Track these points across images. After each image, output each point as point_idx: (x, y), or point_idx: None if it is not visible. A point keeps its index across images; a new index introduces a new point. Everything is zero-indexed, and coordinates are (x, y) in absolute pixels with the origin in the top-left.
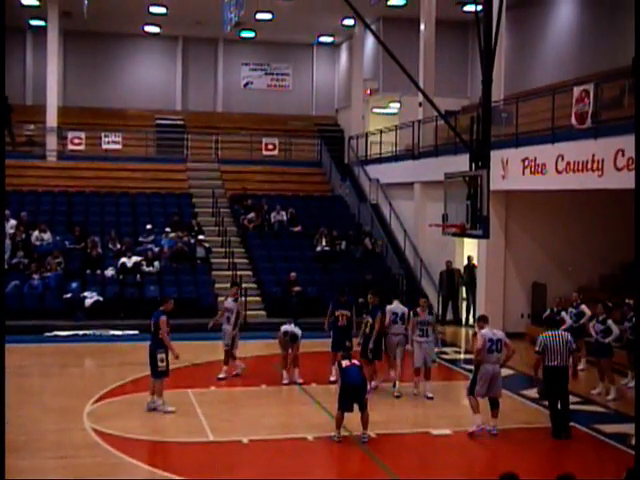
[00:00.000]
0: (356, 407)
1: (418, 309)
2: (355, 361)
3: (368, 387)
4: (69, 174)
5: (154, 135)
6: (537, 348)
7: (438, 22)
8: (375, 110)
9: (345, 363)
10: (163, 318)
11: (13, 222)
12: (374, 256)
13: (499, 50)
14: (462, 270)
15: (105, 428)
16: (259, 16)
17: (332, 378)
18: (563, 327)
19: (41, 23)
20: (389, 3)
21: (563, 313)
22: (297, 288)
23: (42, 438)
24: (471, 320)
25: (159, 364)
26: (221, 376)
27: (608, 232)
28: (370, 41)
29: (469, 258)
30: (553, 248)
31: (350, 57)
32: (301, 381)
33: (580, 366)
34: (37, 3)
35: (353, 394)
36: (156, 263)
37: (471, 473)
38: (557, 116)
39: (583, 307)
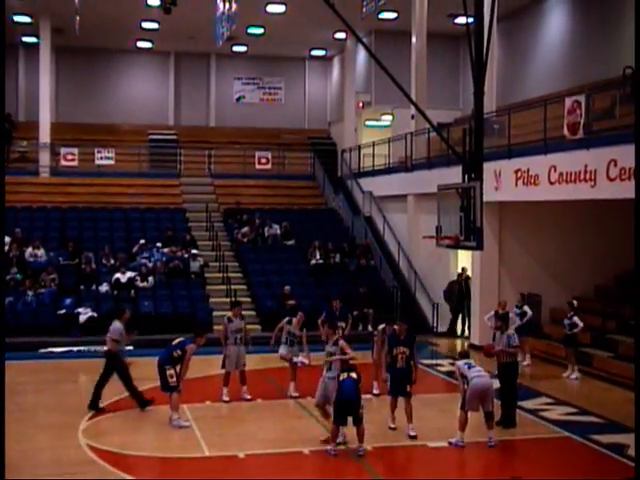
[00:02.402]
0: (350, 420)
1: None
2: (353, 374)
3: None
4: (62, 190)
5: (147, 150)
6: (517, 343)
7: (429, 35)
8: (368, 123)
9: (342, 376)
10: (192, 346)
11: (7, 239)
12: (368, 269)
13: (491, 62)
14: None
15: (100, 444)
16: (251, 30)
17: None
18: (513, 327)
19: (33, 40)
20: (380, 16)
21: (511, 314)
22: (291, 302)
23: (37, 455)
24: (466, 332)
25: (169, 379)
26: (248, 397)
27: (602, 242)
28: (362, 54)
29: (463, 269)
30: (547, 259)
31: (342, 70)
32: (297, 395)
33: (526, 362)
34: (29, 20)
35: (347, 408)
36: (150, 278)
37: None
38: (549, 127)
39: (525, 307)
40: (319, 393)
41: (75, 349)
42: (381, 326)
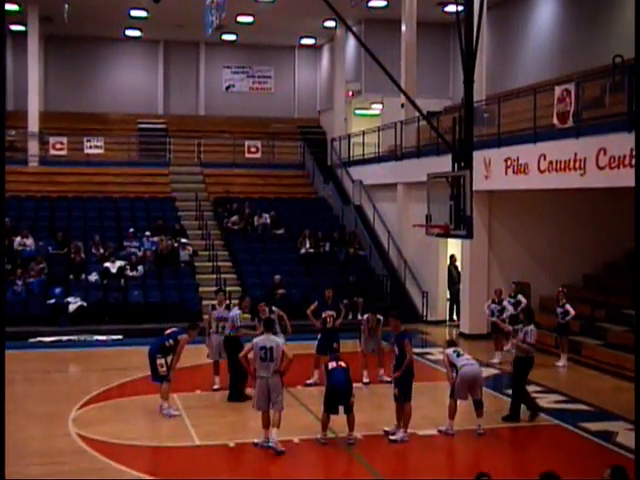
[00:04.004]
0: (341, 408)
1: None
2: (342, 363)
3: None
4: (51, 179)
5: (136, 139)
6: (531, 340)
7: (419, 23)
8: (357, 112)
9: (331, 365)
10: (185, 336)
11: None
12: (358, 258)
13: (480, 50)
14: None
15: (90, 434)
16: (240, 19)
17: (309, 381)
18: (504, 315)
19: (21, 28)
20: (370, 5)
21: (505, 302)
22: (281, 291)
23: (27, 445)
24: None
25: (159, 369)
26: (217, 387)
27: (591, 231)
28: (352, 43)
29: (452, 257)
30: (536, 247)
31: (332, 59)
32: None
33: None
34: (17, 8)
35: (338, 397)
36: (140, 267)
37: (457, 473)
38: (539, 116)
39: (520, 297)
40: (261, 398)
41: (64, 338)
42: (365, 315)
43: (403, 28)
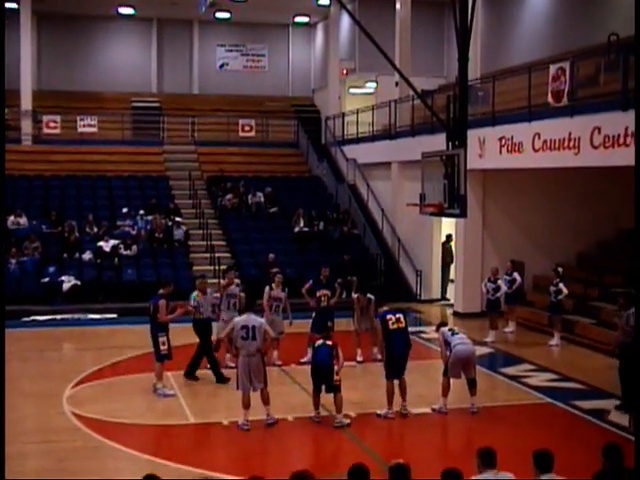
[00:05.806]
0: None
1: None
2: (328, 342)
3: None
4: (45, 158)
5: (130, 118)
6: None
7: (414, 1)
8: (352, 90)
9: (318, 342)
10: (162, 302)
11: None
12: (352, 236)
13: (475, 29)
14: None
15: (85, 412)
16: None
17: (303, 360)
18: (499, 293)
19: (14, 6)
20: None
21: (500, 281)
22: (275, 269)
23: (22, 423)
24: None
25: (161, 347)
26: (232, 364)
27: (585, 210)
28: (346, 21)
29: (449, 236)
30: (530, 226)
31: (326, 37)
32: (280, 363)
33: (510, 328)
34: None
35: (321, 375)
36: (134, 246)
37: (450, 451)
38: (534, 94)
39: (515, 274)
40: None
41: (58, 317)
42: (355, 295)
43: (397, 6)
